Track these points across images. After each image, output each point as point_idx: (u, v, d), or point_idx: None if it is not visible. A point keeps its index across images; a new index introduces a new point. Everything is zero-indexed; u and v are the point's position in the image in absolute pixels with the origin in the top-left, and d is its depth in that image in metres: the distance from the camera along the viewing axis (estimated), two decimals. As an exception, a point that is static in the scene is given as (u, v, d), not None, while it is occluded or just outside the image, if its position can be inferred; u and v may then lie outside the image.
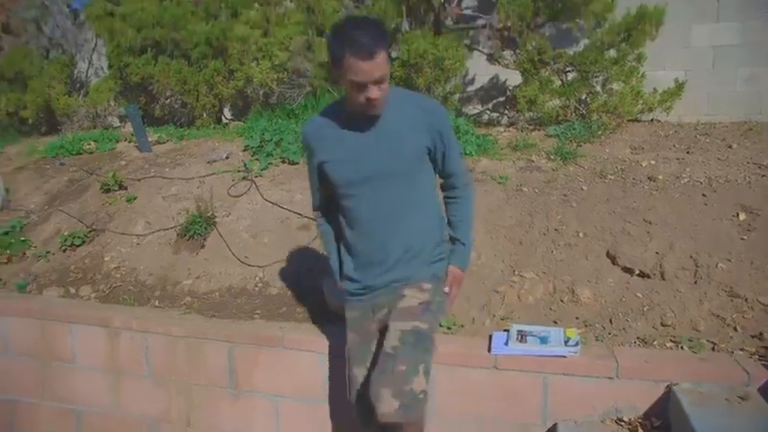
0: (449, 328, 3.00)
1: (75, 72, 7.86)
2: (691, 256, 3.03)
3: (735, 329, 2.72)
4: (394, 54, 5.50)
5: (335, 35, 1.96)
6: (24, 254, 4.21)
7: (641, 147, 4.23)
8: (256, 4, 6.27)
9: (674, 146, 4.18)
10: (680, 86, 4.76)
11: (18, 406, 3.70)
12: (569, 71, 4.96)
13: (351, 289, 2.32)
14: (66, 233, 4.24)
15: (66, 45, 7.66)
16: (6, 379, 3.71)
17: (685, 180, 3.56)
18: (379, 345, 2.25)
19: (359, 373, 2.33)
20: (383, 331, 2.23)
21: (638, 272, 3.08)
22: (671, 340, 2.73)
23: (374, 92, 1.96)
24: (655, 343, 2.73)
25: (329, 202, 2.36)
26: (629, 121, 4.77)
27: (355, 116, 2.11)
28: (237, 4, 6.21)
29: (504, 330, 2.84)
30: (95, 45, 7.94)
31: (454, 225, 2.35)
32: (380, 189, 2.17)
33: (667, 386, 2.50)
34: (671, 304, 2.89)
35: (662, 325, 2.83)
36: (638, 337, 2.79)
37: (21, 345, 3.64)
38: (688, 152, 3.99)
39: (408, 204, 2.20)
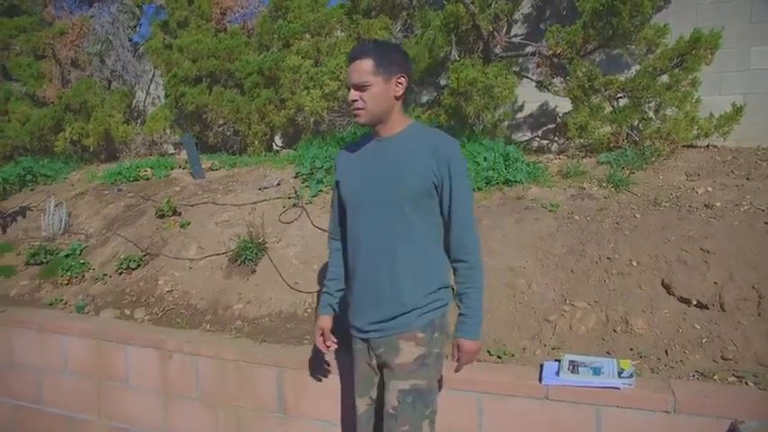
0: (499, 357, 2.95)
1: (134, 102, 8.20)
2: (753, 287, 2.91)
3: (804, 365, 2.59)
4: (444, 82, 5.52)
5: None
6: (83, 276, 4.37)
7: (697, 173, 4.11)
8: (308, 35, 6.41)
9: (732, 172, 4.05)
10: (738, 111, 4.62)
11: (74, 422, 3.81)
12: (620, 97, 4.88)
13: (351, 329, 2.33)
14: (122, 256, 4.38)
15: (127, 76, 8.02)
16: (64, 395, 3.83)
17: (745, 207, 3.44)
18: (381, 383, 2.28)
19: (360, 405, 2.36)
20: (382, 368, 2.25)
21: (695, 302, 2.97)
22: (733, 375, 2.61)
23: (351, 94, 2.14)
24: (715, 377, 2.62)
25: (343, 227, 2.37)
26: (683, 146, 4.65)
27: (375, 141, 2.24)
28: (289, 36, 6.36)
29: (556, 360, 2.78)
30: (153, 76, 8.30)
31: (459, 295, 2.20)
32: (377, 216, 2.17)
33: (731, 424, 2.38)
34: (732, 337, 2.77)
35: (723, 359, 2.71)
36: (696, 371, 2.68)
37: (78, 363, 3.76)
38: (748, 178, 3.86)
39: (401, 240, 2.14)
